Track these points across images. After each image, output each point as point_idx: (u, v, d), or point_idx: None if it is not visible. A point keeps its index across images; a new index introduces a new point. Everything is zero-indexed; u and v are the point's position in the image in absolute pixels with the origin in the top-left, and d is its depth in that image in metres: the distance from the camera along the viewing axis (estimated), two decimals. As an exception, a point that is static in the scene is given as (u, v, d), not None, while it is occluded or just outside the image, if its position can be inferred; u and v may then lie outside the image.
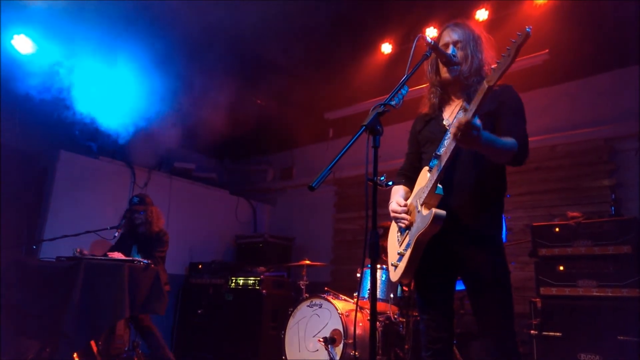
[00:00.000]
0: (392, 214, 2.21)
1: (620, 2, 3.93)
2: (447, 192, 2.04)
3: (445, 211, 1.97)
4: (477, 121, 1.75)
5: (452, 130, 1.81)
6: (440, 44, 2.21)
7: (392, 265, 2.24)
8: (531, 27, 1.69)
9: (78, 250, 3.95)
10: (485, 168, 2.08)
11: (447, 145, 1.98)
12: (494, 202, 2.13)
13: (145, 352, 4.67)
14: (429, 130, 2.27)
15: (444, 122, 2.20)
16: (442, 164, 1.96)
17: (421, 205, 2.06)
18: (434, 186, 1.99)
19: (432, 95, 2.29)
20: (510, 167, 2.10)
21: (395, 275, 2.20)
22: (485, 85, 1.77)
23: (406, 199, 2.31)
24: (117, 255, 4.01)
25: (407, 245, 2.11)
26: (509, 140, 1.93)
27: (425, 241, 2.05)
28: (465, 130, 1.74)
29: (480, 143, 1.81)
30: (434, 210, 1.96)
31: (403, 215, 2.16)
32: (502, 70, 1.73)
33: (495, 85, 1.76)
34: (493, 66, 1.77)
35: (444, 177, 2.02)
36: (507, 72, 1.75)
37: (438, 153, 2.06)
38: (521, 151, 1.97)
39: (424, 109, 2.32)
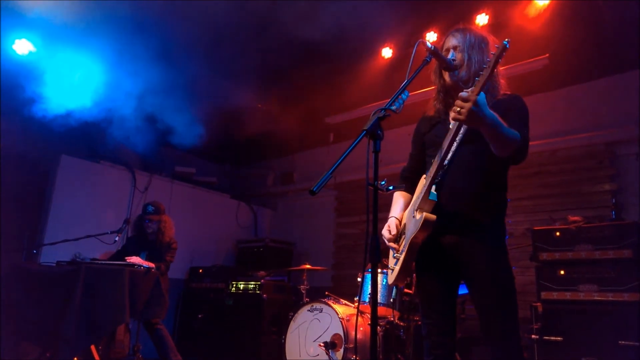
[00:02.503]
0: (383, 237, 2.26)
1: (620, 7, 3.94)
2: (449, 196, 2.07)
3: (435, 216, 2.01)
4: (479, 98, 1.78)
5: (453, 109, 1.83)
6: (443, 50, 2.23)
7: (389, 268, 2.29)
8: (509, 39, 1.75)
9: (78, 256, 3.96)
10: (487, 171, 2.10)
11: (447, 143, 2.01)
12: (496, 205, 2.14)
13: (145, 357, 4.66)
14: (434, 134, 2.28)
15: (450, 127, 2.21)
16: (442, 157, 1.99)
17: (416, 210, 2.10)
18: (428, 192, 2.03)
19: (436, 101, 2.31)
20: (511, 171, 2.13)
21: (391, 278, 2.26)
22: (472, 97, 1.78)
23: (407, 204, 2.34)
24: (137, 260, 4.03)
25: (403, 249, 2.16)
26: (511, 129, 1.92)
27: (417, 244, 2.09)
28: (467, 106, 1.76)
29: (485, 120, 1.81)
30: (424, 214, 2.01)
31: (391, 244, 2.24)
32: (483, 81, 1.78)
33: (480, 91, 1.79)
34: (477, 77, 1.82)
35: (446, 182, 2.04)
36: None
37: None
38: (523, 145, 1.97)
39: (430, 112, 2.34)
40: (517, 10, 4.21)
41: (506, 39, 1.74)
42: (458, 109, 1.80)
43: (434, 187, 2.06)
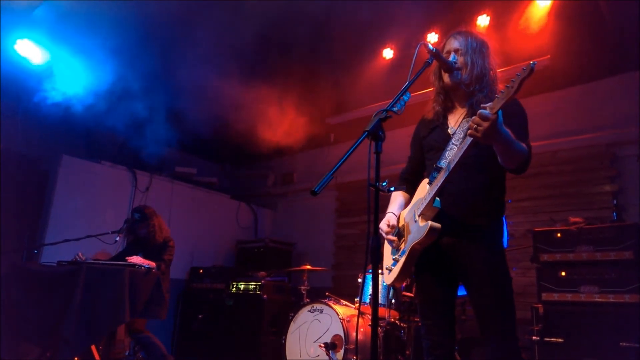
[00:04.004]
0: (380, 231, 2.25)
1: (621, 8, 3.94)
2: (449, 200, 2.07)
3: (440, 225, 2.01)
4: (492, 113, 1.77)
5: (470, 125, 1.82)
6: (443, 52, 2.23)
7: (386, 269, 2.30)
8: (536, 62, 1.71)
9: (81, 255, 3.96)
10: (488, 175, 2.12)
11: (454, 154, 2.00)
12: (495, 207, 2.15)
13: (145, 357, 4.66)
14: (433, 138, 2.29)
15: (449, 131, 2.22)
16: (450, 169, 1.97)
17: (418, 216, 2.10)
18: (432, 199, 2.03)
19: (435, 104, 2.31)
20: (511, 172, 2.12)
21: (389, 279, 2.27)
22: (492, 117, 1.77)
23: (406, 204, 2.34)
24: (138, 260, 4.03)
25: (402, 252, 2.17)
26: (520, 144, 1.94)
27: (419, 250, 2.10)
28: (485, 125, 1.76)
29: (500, 138, 1.82)
30: (430, 222, 2.02)
31: (390, 237, 2.24)
32: (505, 100, 1.75)
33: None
34: (497, 94, 1.79)
35: (447, 186, 2.04)
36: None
37: (439, 165, 2.08)
38: (528, 158, 2.01)
39: (429, 115, 2.34)
40: (518, 11, 4.21)
41: (533, 61, 1.71)
42: (475, 126, 1.79)
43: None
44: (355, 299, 4.30)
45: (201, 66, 4.90)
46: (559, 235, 3.81)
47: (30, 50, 4.65)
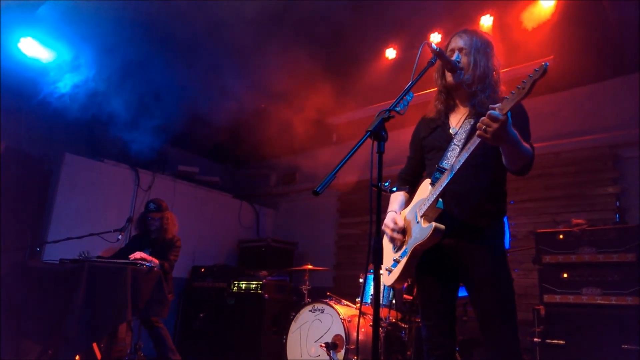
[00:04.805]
0: (384, 227, 2.23)
1: (625, 9, 3.93)
2: (450, 200, 2.06)
3: (444, 226, 2.00)
4: (502, 114, 1.76)
5: (479, 125, 1.81)
6: (447, 50, 2.22)
7: (386, 269, 2.27)
8: (548, 63, 1.68)
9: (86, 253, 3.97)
10: (489, 176, 2.11)
11: (457, 154, 2.00)
12: (496, 209, 2.14)
13: (147, 355, 4.67)
14: (434, 138, 2.27)
15: (451, 131, 2.21)
16: (455, 171, 1.96)
17: (421, 216, 2.09)
18: (436, 200, 2.01)
19: (437, 102, 2.30)
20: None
21: (389, 280, 2.24)
22: (502, 118, 1.76)
23: (406, 204, 2.33)
24: (141, 255, 4.03)
25: (404, 253, 2.14)
26: (526, 146, 1.95)
27: (421, 251, 2.09)
28: (495, 126, 1.75)
29: (508, 139, 1.82)
30: (434, 224, 2.00)
31: (395, 235, 2.18)
32: (516, 101, 1.74)
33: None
34: (507, 96, 1.78)
35: (449, 187, 2.02)
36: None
37: (442, 166, 2.07)
38: (533, 158, 2.00)
39: (430, 113, 2.33)
40: (521, 11, 4.20)
41: (545, 61, 1.68)
42: (484, 126, 1.79)
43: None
44: (357, 299, 4.29)
45: (203, 66, 4.91)
46: (561, 236, 3.80)
47: (33, 49, 4.65)
